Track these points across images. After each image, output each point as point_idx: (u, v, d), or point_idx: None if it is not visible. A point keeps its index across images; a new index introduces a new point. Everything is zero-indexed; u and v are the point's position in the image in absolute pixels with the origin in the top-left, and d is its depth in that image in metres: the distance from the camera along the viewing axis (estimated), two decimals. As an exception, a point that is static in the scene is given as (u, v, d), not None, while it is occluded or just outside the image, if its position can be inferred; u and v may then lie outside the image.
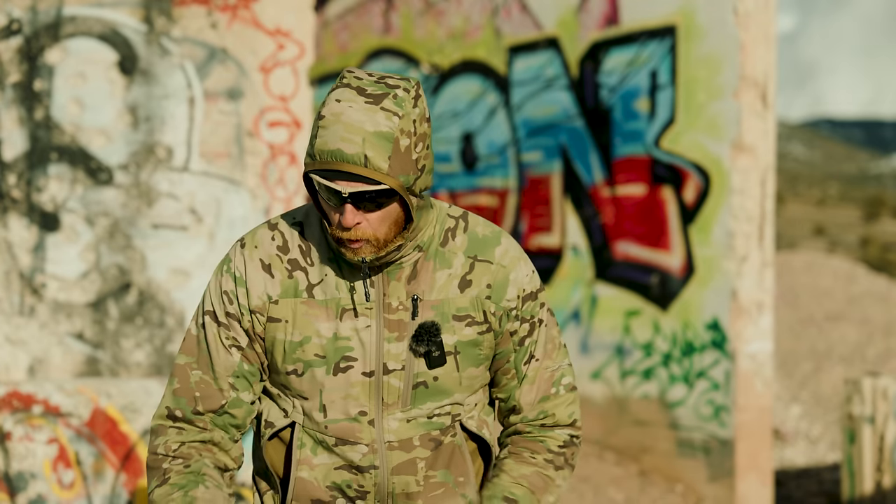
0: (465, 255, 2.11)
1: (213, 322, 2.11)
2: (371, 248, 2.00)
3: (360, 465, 2.08)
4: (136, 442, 4.85)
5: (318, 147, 1.94)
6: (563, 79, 6.64)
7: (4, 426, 4.69)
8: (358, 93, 1.95)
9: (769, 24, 5.89)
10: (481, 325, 2.11)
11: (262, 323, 2.09)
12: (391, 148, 1.92)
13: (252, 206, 6.68)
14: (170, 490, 2.04)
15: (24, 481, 4.70)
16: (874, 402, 5.90)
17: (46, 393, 4.76)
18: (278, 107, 6.80)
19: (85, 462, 4.77)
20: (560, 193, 6.71)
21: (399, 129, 1.93)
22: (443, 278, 2.09)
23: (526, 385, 2.17)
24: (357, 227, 1.98)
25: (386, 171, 1.92)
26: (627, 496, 6.09)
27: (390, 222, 2.00)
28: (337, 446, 2.08)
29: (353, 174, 1.92)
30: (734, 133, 5.82)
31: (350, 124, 1.92)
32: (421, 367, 2.07)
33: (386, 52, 7.70)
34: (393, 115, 1.93)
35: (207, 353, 2.11)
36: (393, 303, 2.07)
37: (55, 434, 4.74)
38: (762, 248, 5.92)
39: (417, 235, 2.06)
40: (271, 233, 2.12)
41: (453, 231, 2.13)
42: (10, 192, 6.16)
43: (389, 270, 2.07)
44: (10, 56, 6.18)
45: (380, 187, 1.93)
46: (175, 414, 2.12)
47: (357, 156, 1.91)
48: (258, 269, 2.09)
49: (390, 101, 1.94)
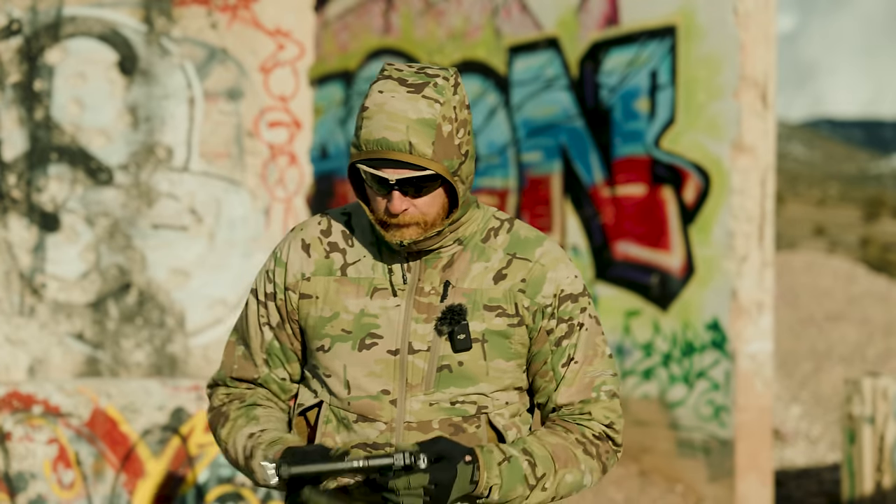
0: (504, 252, 2.15)
1: (254, 300, 2.23)
2: (417, 230, 2.06)
3: (377, 442, 2.09)
4: (136, 442, 4.85)
5: (363, 137, 2.01)
6: (563, 79, 6.64)
7: (4, 426, 4.69)
8: (399, 83, 2.02)
9: (769, 24, 5.89)
10: (512, 317, 2.12)
11: (295, 302, 2.17)
12: (434, 134, 2.00)
13: (252, 206, 6.68)
14: (232, 424, 2.20)
15: (24, 481, 4.70)
16: (874, 402, 5.90)
17: (46, 393, 4.76)
18: (278, 107, 6.81)
19: (85, 462, 4.77)
20: (560, 193, 6.71)
21: (441, 115, 2.00)
22: (478, 269, 2.14)
23: (563, 387, 2.16)
24: (405, 213, 2.04)
25: (430, 157, 1.99)
26: (627, 496, 6.10)
27: (437, 208, 2.07)
28: (357, 422, 2.11)
29: (398, 161, 1.99)
30: (734, 133, 5.82)
31: (393, 113, 1.99)
32: (446, 350, 2.09)
33: (386, 52, 7.69)
34: (434, 103, 2.00)
35: (247, 330, 2.24)
36: (426, 287, 2.12)
37: (55, 434, 4.74)
38: (762, 248, 5.92)
39: (460, 228, 2.12)
40: (319, 219, 2.23)
41: (496, 231, 2.18)
42: (10, 192, 6.16)
43: (427, 259, 2.12)
44: (10, 56, 6.18)
45: (425, 172, 2.00)
46: (220, 382, 2.29)
47: (402, 143, 1.98)
48: (298, 250, 2.19)
49: (431, 90, 2.01)
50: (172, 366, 6.46)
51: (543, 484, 2.08)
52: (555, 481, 2.10)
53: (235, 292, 6.62)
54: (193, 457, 4.93)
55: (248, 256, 6.65)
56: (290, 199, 6.80)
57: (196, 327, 6.53)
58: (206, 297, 6.55)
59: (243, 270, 6.64)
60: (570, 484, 2.12)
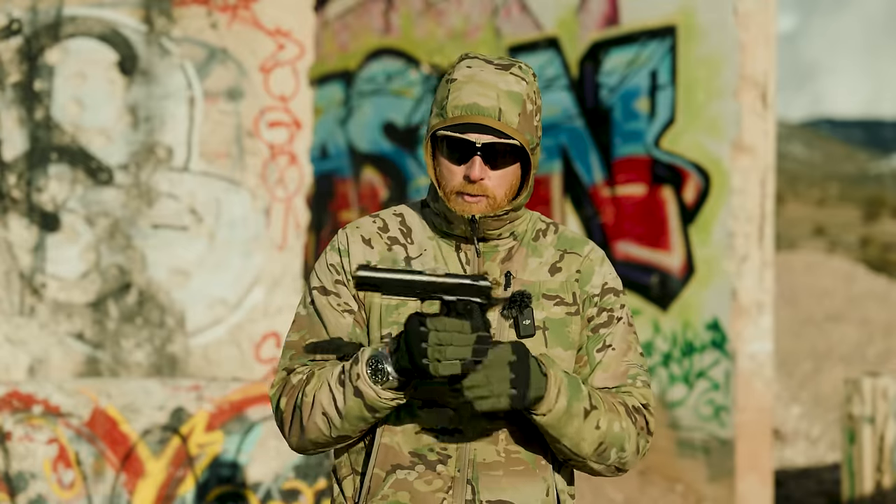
0: (555, 249, 2.22)
1: (321, 295, 2.18)
2: (487, 206, 2.10)
3: (446, 426, 2.10)
4: (136, 442, 4.85)
5: (451, 104, 2.05)
6: (563, 79, 6.64)
7: (4, 426, 4.69)
8: (485, 62, 2.09)
9: (769, 24, 5.88)
10: (570, 305, 2.18)
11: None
12: (521, 107, 2.06)
13: (252, 206, 6.68)
14: (318, 375, 2.10)
15: (24, 481, 4.70)
16: (874, 402, 5.90)
17: (46, 393, 4.76)
18: (278, 107, 6.80)
19: (85, 462, 4.77)
20: (560, 193, 6.71)
21: (526, 93, 2.08)
22: (534, 264, 2.19)
23: (599, 371, 2.18)
24: (481, 182, 2.08)
25: (516, 127, 2.05)
26: (627, 496, 6.10)
27: (506, 188, 2.11)
28: (423, 409, 2.10)
29: (484, 129, 2.03)
30: (734, 133, 5.82)
31: (484, 82, 2.05)
32: (511, 336, 2.12)
33: (386, 52, 7.69)
34: (521, 80, 2.08)
35: (321, 323, 2.18)
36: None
37: (55, 434, 4.74)
38: (762, 248, 5.92)
39: (516, 221, 2.18)
40: (372, 219, 2.24)
41: (544, 231, 2.25)
42: (10, 192, 6.16)
43: (485, 252, 2.16)
44: (10, 56, 6.18)
45: (510, 141, 2.04)
46: (290, 370, 2.17)
47: (493, 108, 2.04)
48: (359, 243, 2.19)
49: (517, 69, 2.10)
50: (172, 366, 6.46)
51: (597, 418, 2.09)
52: (605, 421, 2.10)
53: (235, 292, 6.62)
54: (193, 457, 4.93)
55: (248, 256, 6.65)
56: (290, 199, 6.80)
57: (196, 327, 6.53)
58: (206, 297, 6.55)
59: (243, 270, 6.64)
60: (616, 435, 2.12)
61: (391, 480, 2.11)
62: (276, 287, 6.69)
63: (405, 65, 7.60)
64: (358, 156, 7.90)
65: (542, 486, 2.14)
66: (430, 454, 2.10)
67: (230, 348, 6.57)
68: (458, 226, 2.14)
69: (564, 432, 2.06)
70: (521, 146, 2.09)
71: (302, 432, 2.12)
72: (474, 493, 2.10)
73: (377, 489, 2.12)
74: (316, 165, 7.55)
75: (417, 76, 7.53)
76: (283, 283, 6.71)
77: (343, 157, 7.77)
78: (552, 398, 2.02)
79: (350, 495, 2.17)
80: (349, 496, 2.17)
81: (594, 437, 2.09)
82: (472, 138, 2.04)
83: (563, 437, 2.06)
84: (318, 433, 2.10)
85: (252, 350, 6.56)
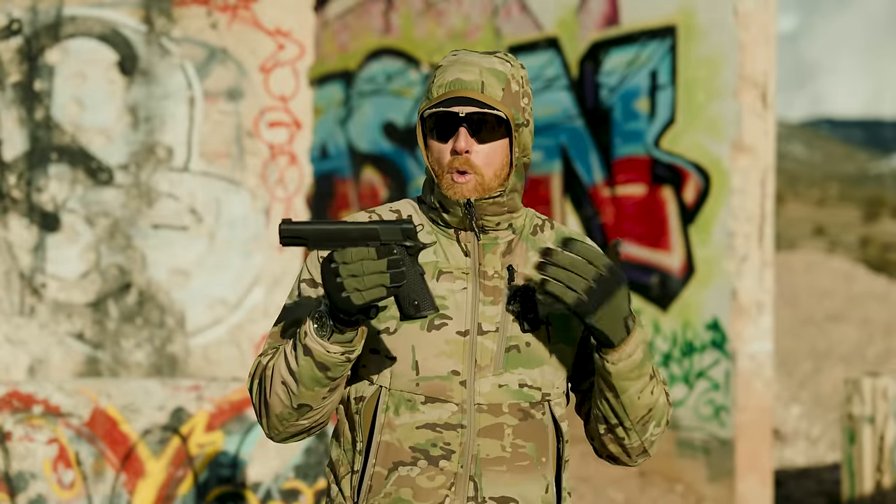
0: (553, 244, 2.22)
1: (310, 287, 2.17)
2: (476, 184, 2.11)
3: (449, 422, 2.09)
4: (136, 442, 4.85)
5: (436, 84, 2.11)
6: (563, 79, 6.64)
7: (4, 426, 4.69)
8: (471, 52, 2.17)
9: (769, 24, 5.88)
10: None
11: None
12: (505, 83, 2.11)
13: (252, 206, 6.68)
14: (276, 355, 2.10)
15: (24, 481, 4.70)
16: (874, 402, 5.90)
17: (46, 393, 4.76)
18: (278, 107, 6.80)
19: (85, 462, 4.77)
20: (560, 193, 6.71)
21: (510, 73, 2.13)
22: (535, 258, 2.18)
23: None
24: (467, 157, 2.10)
25: (500, 100, 2.09)
26: (627, 496, 6.09)
27: (496, 166, 2.13)
28: (426, 404, 2.09)
29: (469, 102, 2.07)
30: (734, 133, 5.81)
31: (468, 61, 2.12)
32: (515, 330, 2.12)
33: (386, 52, 7.69)
34: (505, 62, 2.14)
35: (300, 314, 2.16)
36: (489, 271, 2.15)
37: (55, 434, 4.74)
38: (762, 248, 5.92)
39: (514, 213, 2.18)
40: (368, 214, 2.23)
41: (541, 227, 2.26)
42: (10, 192, 6.16)
43: (485, 244, 2.16)
44: (10, 56, 6.18)
45: (494, 111, 2.07)
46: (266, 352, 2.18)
47: (475, 82, 2.09)
48: None
49: (502, 55, 2.17)
50: (172, 366, 6.46)
51: (653, 386, 2.12)
52: (659, 391, 2.14)
53: (235, 292, 6.62)
54: (193, 457, 4.93)
55: (249, 256, 6.65)
56: (290, 199, 6.80)
57: (196, 327, 6.53)
58: (206, 297, 6.55)
59: (243, 270, 6.64)
60: (661, 409, 2.16)
61: (394, 478, 2.10)
62: (277, 287, 6.69)
63: (405, 65, 7.60)
64: (358, 156, 7.90)
65: (543, 484, 2.15)
66: (432, 449, 2.09)
67: (230, 348, 6.57)
68: (455, 213, 2.14)
69: (627, 387, 2.07)
70: (507, 120, 2.11)
71: (267, 410, 2.10)
72: (477, 490, 2.09)
73: (379, 487, 2.11)
74: (316, 165, 7.55)
75: (417, 76, 7.53)
76: (284, 283, 6.71)
77: (343, 157, 7.77)
78: (632, 346, 2.04)
79: (349, 494, 2.17)
80: (348, 495, 2.17)
81: (646, 403, 2.11)
82: (457, 108, 2.07)
83: (623, 393, 2.08)
84: (280, 405, 2.07)
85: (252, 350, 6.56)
